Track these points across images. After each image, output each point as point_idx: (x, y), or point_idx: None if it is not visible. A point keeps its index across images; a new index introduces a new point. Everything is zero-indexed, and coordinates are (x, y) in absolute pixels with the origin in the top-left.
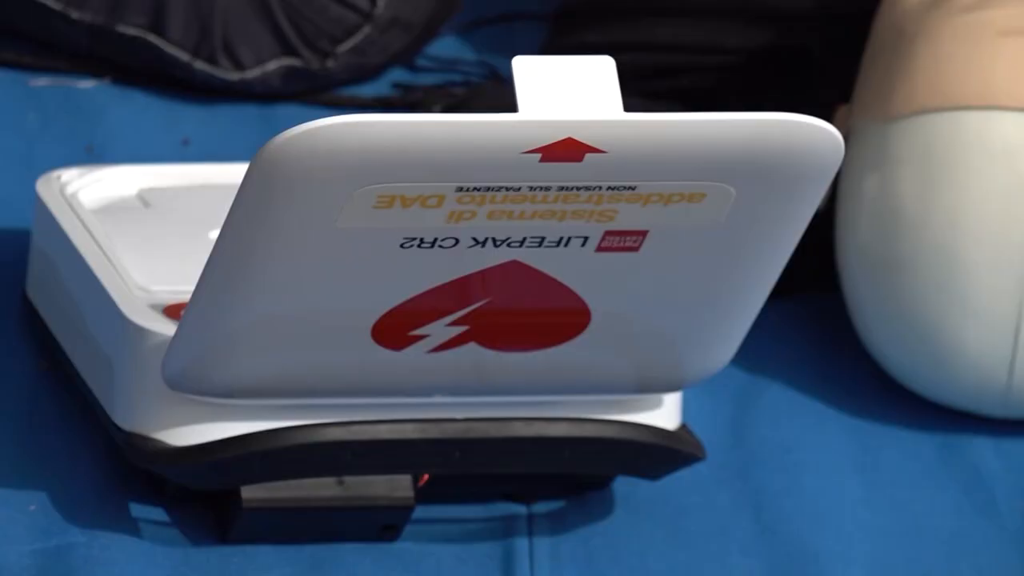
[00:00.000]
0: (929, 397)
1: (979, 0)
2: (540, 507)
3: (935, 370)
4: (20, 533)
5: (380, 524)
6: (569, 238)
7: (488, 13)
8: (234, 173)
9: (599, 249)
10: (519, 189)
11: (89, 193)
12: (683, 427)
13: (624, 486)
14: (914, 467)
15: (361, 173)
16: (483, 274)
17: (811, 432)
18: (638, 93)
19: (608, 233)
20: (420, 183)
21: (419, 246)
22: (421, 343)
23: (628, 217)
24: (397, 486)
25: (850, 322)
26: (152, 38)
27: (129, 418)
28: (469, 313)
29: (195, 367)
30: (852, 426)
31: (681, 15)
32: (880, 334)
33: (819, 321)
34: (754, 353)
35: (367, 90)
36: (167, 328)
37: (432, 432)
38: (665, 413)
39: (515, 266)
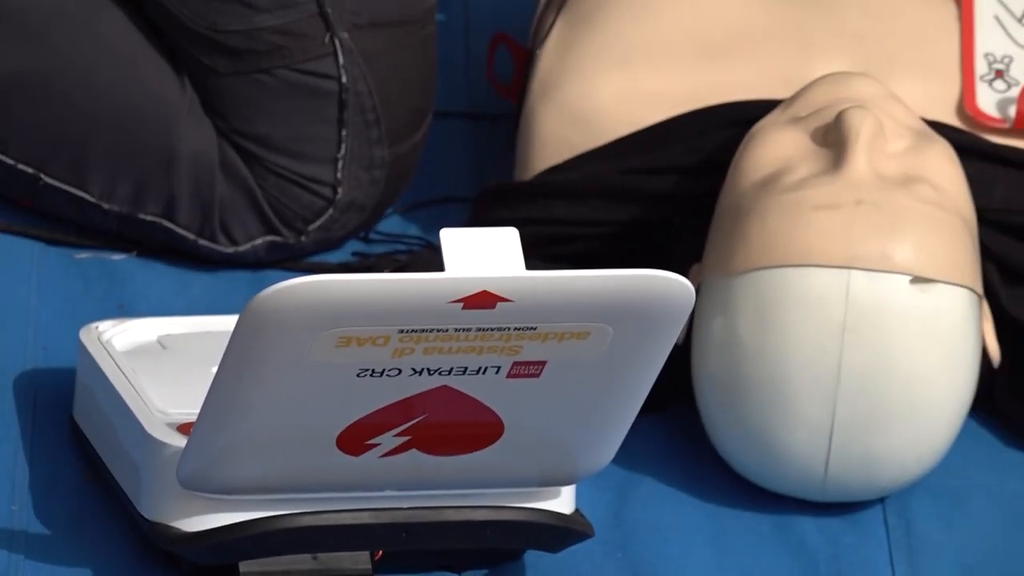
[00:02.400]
0: (765, 486)
1: (796, 183)
2: (468, 575)
3: (769, 467)
4: None
5: None
6: (486, 367)
7: (423, 198)
8: (230, 322)
9: (509, 376)
10: (447, 330)
11: (120, 339)
12: (576, 511)
13: (532, 557)
14: (754, 540)
15: (325, 320)
16: (421, 396)
17: (675, 514)
18: (538, 256)
19: (515, 363)
20: (370, 327)
21: (371, 375)
22: (374, 450)
23: (531, 351)
24: (358, 560)
25: (704, 430)
26: (165, 223)
27: (152, 510)
28: (410, 426)
29: (202, 470)
30: (707, 510)
31: (572, 197)
32: (726, 439)
33: (680, 428)
34: (630, 453)
35: (332, 257)
36: (180, 441)
37: (384, 518)
38: (563, 501)
39: (445, 390)
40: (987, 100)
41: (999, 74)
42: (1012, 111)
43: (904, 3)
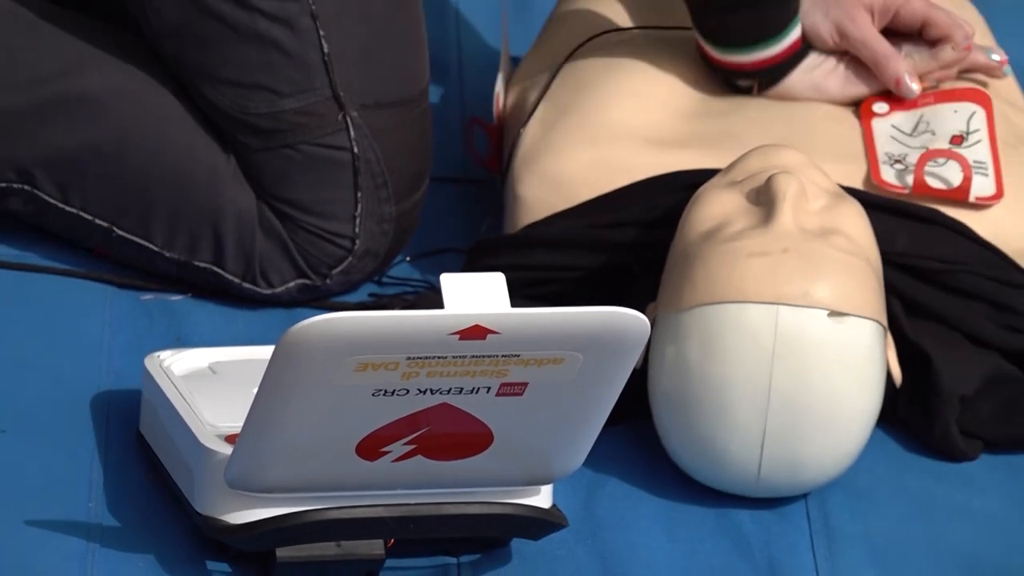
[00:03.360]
0: (709, 485)
1: (734, 235)
2: (464, 558)
3: (711, 469)
4: None
5: (364, 571)
6: (478, 388)
7: (425, 249)
8: (268, 351)
9: (497, 395)
10: (446, 357)
11: (177, 365)
12: (554, 506)
13: (517, 543)
14: (700, 529)
15: (346, 349)
16: (425, 412)
17: (635, 508)
18: (521, 296)
19: (503, 384)
20: (383, 355)
21: (384, 395)
22: (386, 456)
23: (515, 374)
24: (373, 547)
25: (658, 439)
26: (216, 269)
27: (204, 506)
28: (416, 436)
29: (245, 473)
30: (661, 504)
31: (549, 247)
32: (677, 446)
33: (639, 437)
34: (598, 458)
35: (352, 297)
36: (227, 449)
37: (395, 512)
38: (542, 497)
39: (445, 406)
40: (889, 174)
41: (898, 161)
42: (910, 180)
43: (818, 120)
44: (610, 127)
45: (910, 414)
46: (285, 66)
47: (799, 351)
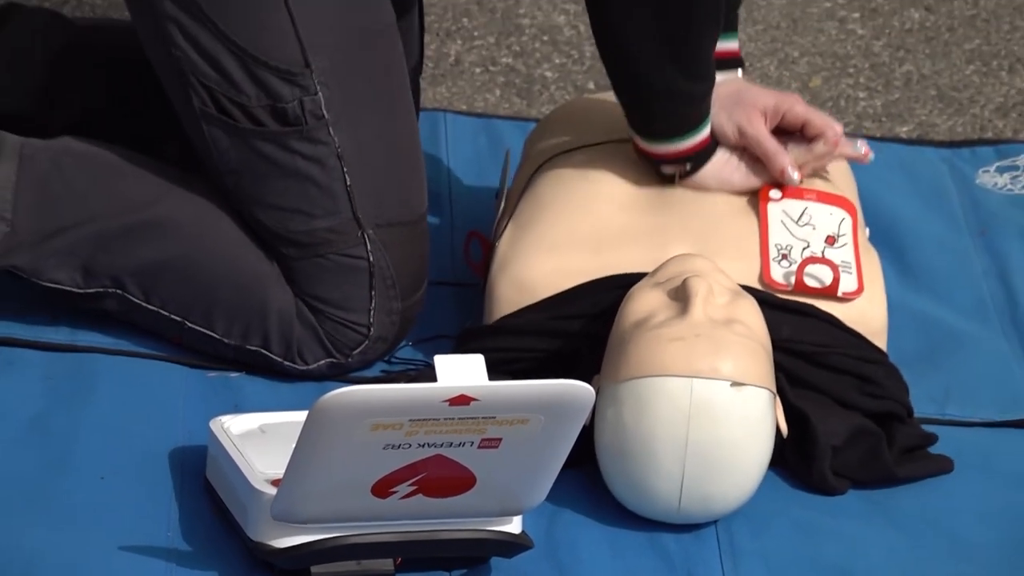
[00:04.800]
0: (642, 515)
1: (658, 324)
2: (456, 572)
3: (643, 502)
4: None
5: None
6: (464, 442)
7: (424, 335)
8: (303, 415)
9: (479, 447)
10: (439, 419)
11: (234, 426)
12: (523, 532)
13: (496, 561)
14: (635, 548)
15: (363, 414)
16: (424, 461)
17: (585, 533)
18: (498, 372)
19: (483, 440)
20: (391, 418)
21: (392, 448)
22: (394, 495)
23: (492, 431)
24: (385, 564)
25: (603, 479)
26: (263, 351)
27: (255, 534)
28: (417, 480)
29: (286, 508)
30: (605, 529)
31: (517, 335)
32: (616, 485)
33: (588, 478)
34: (556, 494)
35: (368, 373)
36: (272, 491)
37: (401, 537)
38: (514, 525)
39: (439, 457)
40: (777, 273)
41: (784, 256)
42: (792, 279)
43: (724, 214)
44: (562, 237)
45: (794, 459)
46: (317, 195)
47: (709, 413)
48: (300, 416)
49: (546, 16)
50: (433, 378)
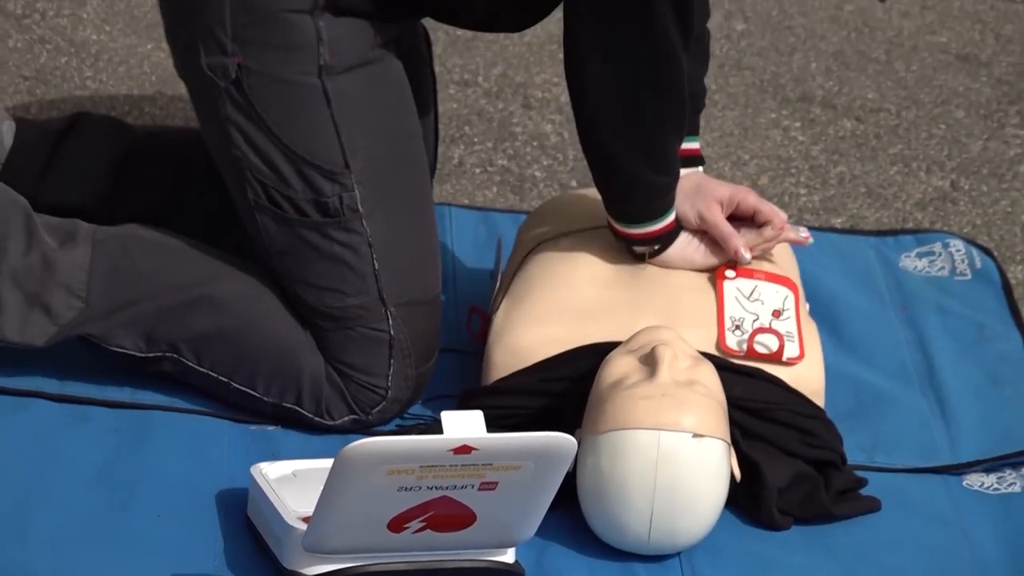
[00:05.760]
0: (617, 547)
1: (630, 385)
2: None
3: (618, 536)
4: None
5: None
6: (466, 485)
7: (434, 394)
8: (330, 463)
9: (479, 489)
10: (445, 466)
11: (271, 471)
12: (517, 561)
13: None
14: (611, 572)
15: (381, 461)
16: (432, 501)
17: (569, 562)
18: (495, 426)
19: (482, 483)
20: (405, 464)
21: (406, 490)
22: (407, 530)
23: (490, 476)
24: None
25: (583, 516)
26: (297, 408)
27: (289, 563)
28: (426, 517)
29: (315, 542)
30: (585, 560)
31: (510, 394)
32: (595, 521)
33: (571, 516)
34: (544, 529)
35: (385, 428)
36: (303, 526)
37: (414, 567)
38: (509, 556)
39: (445, 498)
40: (731, 341)
41: (737, 327)
42: (744, 346)
43: (687, 289)
44: (549, 311)
45: (746, 500)
46: (351, 277)
47: (674, 461)
48: (327, 463)
49: (535, 125)
50: (440, 431)
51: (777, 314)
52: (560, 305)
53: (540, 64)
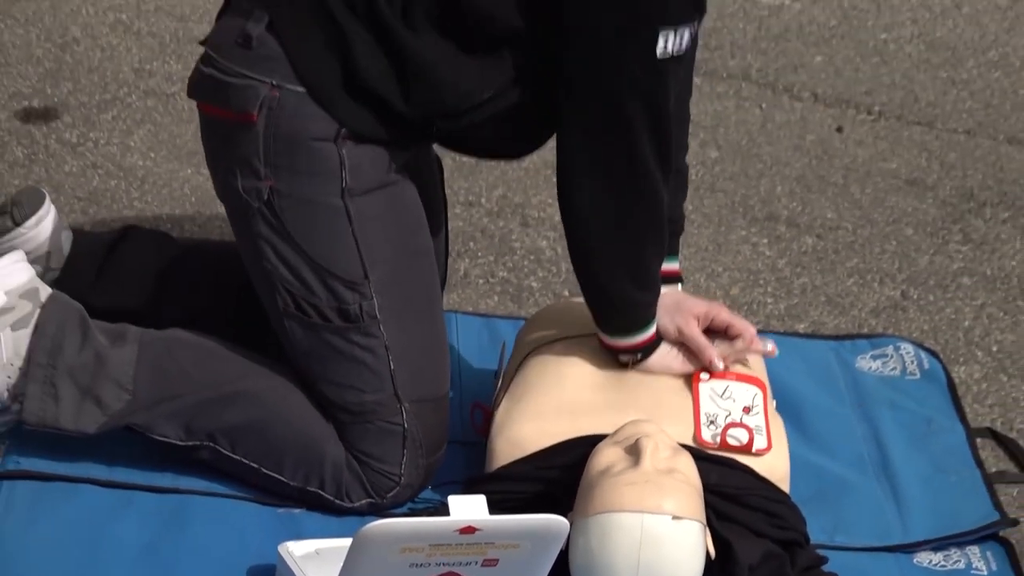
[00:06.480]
0: None
1: (617, 473)
2: None
3: None
4: None
5: None
6: (471, 562)
7: (441, 481)
8: (348, 542)
9: (482, 566)
10: (452, 544)
11: (296, 549)
12: None
13: None
14: None
15: (395, 540)
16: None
17: None
18: (496, 509)
19: (485, 559)
20: (416, 543)
21: (417, 567)
22: None
23: (492, 553)
24: None
25: None
26: (320, 492)
27: None
28: None
29: None
30: None
31: (509, 481)
32: None
33: None
34: None
35: (399, 510)
36: None
37: None
38: None
39: (452, 573)
40: (706, 434)
41: (712, 422)
42: (718, 439)
43: (666, 390)
44: (545, 407)
45: (718, 573)
46: (369, 376)
47: (656, 540)
48: (346, 542)
49: (532, 241)
50: (447, 513)
51: (747, 410)
52: (555, 403)
53: (536, 187)
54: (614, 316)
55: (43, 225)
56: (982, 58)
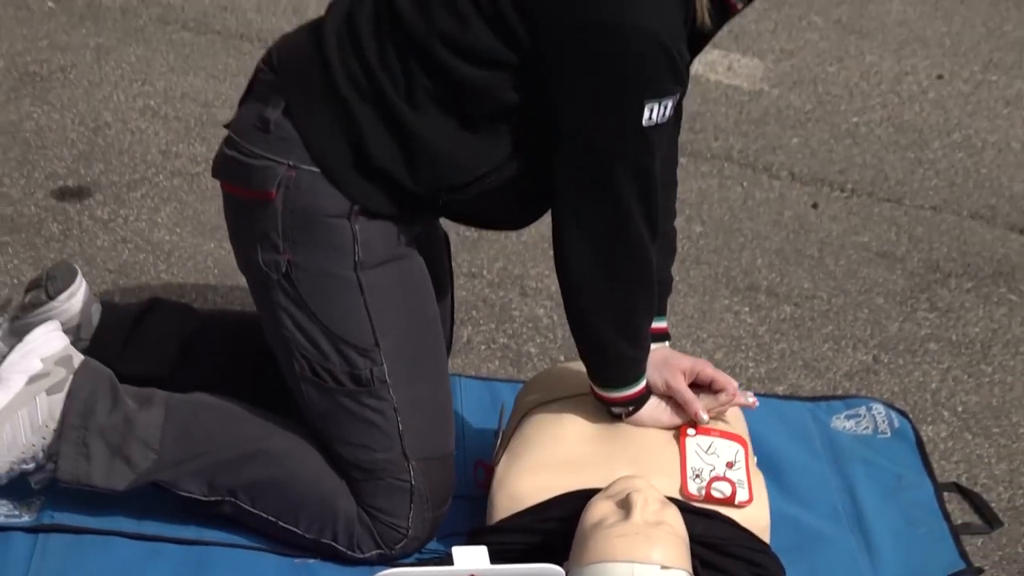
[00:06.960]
0: None
1: (609, 525)
2: None
3: None
4: None
5: None
6: None
7: (447, 532)
8: None
9: None
10: None
11: None
12: None
13: None
14: None
15: None
16: None
17: None
18: (497, 559)
19: None
20: None
21: None
22: None
23: None
24: None
25: None
26: (333, 543)
27: None
28: None
29: None
30: None
31: (508, 532)
32: None
33: None
34: None
35: (407, 560)
36: None
37: None
38: None
39: None
40: (692, 488)
41: (697, 476)
42: (703, 492)
43: (655, 444)
44: (543, 463)
45: None
46: (379, 436)
47: None
48: None
49: (530, 310)
50: (451, 563)
51: (730, 465)
52: (551, 459)
53: (534, 259)
54: (607, 370)
55: (75, 299)
56: (947, 140)
